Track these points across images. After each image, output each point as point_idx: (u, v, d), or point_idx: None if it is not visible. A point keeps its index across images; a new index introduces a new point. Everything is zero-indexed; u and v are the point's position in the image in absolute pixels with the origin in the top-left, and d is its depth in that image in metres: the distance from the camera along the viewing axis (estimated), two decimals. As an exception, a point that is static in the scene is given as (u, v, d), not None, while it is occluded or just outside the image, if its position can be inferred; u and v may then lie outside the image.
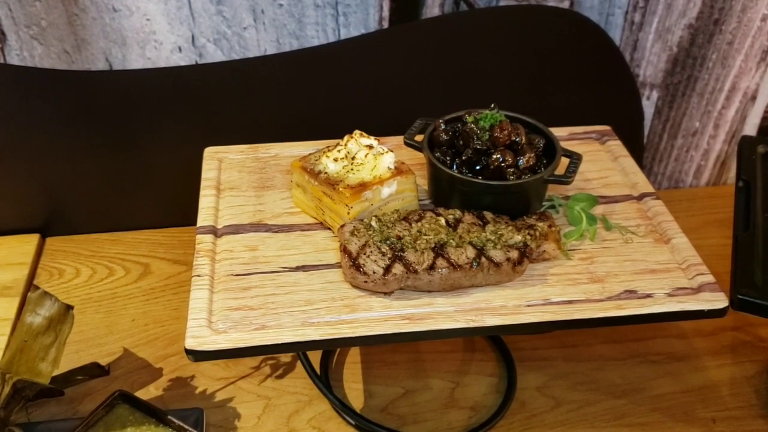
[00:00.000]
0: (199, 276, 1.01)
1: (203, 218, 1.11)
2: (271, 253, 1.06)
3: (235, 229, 1.10)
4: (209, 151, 1.24)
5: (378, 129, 1.20)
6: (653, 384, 1.27)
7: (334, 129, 1.22)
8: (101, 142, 1.49)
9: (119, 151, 1.51)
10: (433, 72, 1.49)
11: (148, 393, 1.25)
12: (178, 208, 1.57)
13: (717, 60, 1.59)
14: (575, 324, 0.96)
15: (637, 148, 1.68)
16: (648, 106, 1.64)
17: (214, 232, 1.09)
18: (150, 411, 1.11)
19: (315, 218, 1.12)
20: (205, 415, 1.16)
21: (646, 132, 1.68)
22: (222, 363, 1.30)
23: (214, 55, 1.42)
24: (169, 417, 1.10)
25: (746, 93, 1.65)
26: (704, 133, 1.71)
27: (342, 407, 1.19)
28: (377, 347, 1.32)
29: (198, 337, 0.92)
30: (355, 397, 1.25)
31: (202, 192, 1.16)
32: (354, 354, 1.33)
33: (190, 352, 0.91)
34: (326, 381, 1.27)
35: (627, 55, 1.56)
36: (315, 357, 1.28)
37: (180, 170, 1.50)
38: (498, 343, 1.33)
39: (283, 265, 1.04)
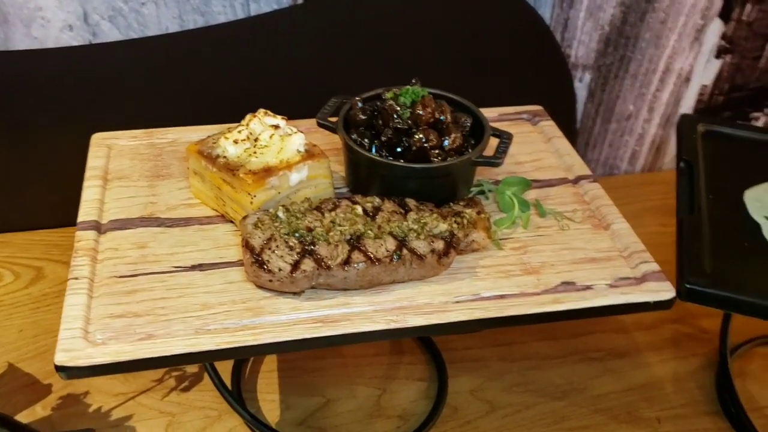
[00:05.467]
0: (76, 279, 0.87)
1: (85, 213, 0.97)
2: (163, 251, 0.93)
3: (122, 224, 0.96)
4: (97, 138, 1.11)
5: (294, 111, 1.08)
6: (594, 383, 1.20)
7: (245, 113, 1.08)
8: None
9: (5, 142, 1.35)
10: (352, 51, 1.39)
11: (34, 414, 1.11)
12: (75, 205, 1.41)
13: (650, 40, 1.53)
14: (509, 321, 0.87)
15: (570, 133, 1.61)
16: (580, 89, 1.58)
17: (98, 227, 0.96)
18: None
19: (216, 210, 0.99)
20: None
21: (578, 116, 1.62)
22: (120, 377, 1.17)
23: (110, 33, 1.29)
24: None
25: (680, 74, 1.60)
26: (638, 117, 1.65)
27: (254, 423, 1.07)
28: (296, 353, 1.20)
29: (70, 351, 0.79)
30: (271, 410, 1.14)
31: (86, 183, 1.02)
32: (270, 361, 1.22)
33: (60, 369, 0.78)
34: (238, 393, 1.15)
35: (557, 34, 1.49)
36: (226, 366, 1.16)
37: (76, 162, 1.34)
38: (428, 343, 1.23)
39: (176, 264, 0.91)
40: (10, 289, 1.33)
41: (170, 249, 0.93)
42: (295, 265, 0.84)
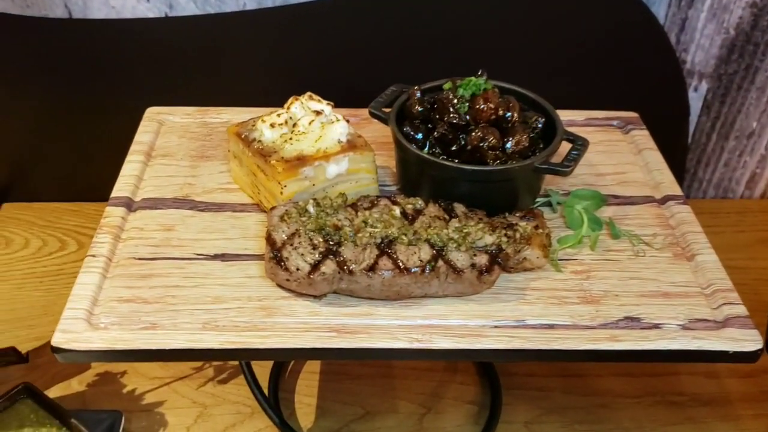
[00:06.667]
0: (93, 256, 0.83)
1: (119, 188, 0.94)
2: (189, 236, 0.87)
3: (154, 204, 0.92)
4: (151, 112, 1.07)
5: (365, 98, 1.00)
6: (669, 431, 1.07)
7: (325, 97, 1.01)
8: (63, 99, 1.34)
9: (83, 110, 1.36)
10: (437, 38, 1.30)
11: (69, 388, 1.11)
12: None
13: (784, 49, 1.35)
14: (553, 356, 0.76)
15: (680, 148, 1.47)
16: (695, 99, 1.42)
17: (129, 205, 0.92)
18: (55, 411, 0.96)
19: (251, 197, 0.92)
20: (124, 420, 1.02)
21: (691, 130, 1.45)
22: (159, 360, 1.13)
23: (186, 7, 1.25)
24: (73, 421, 0.95)
25: (818, 91, 1.40)
26: (762, 136, 1.47)
27: (284, 427, 1.00)
28: (341, 357, 1.12)
29: (69, 332, 0.75)
30: (306, 414, 1.08)
31: (128, 158, 0.99)
32: (313, 362, 1.14)
33: (56, 350, 0.74)
34: (274, 392, 1.10)
35: (672, 36, 1.34)
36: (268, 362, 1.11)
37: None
38: (485, 364, 1.13)
39: (199, 252, 0.85)
40: (73, 258, 1.34)
41: (196, 234, 0.88)
42: (316, 266, 0.76)
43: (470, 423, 1.07)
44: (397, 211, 0.82)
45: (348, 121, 0.90)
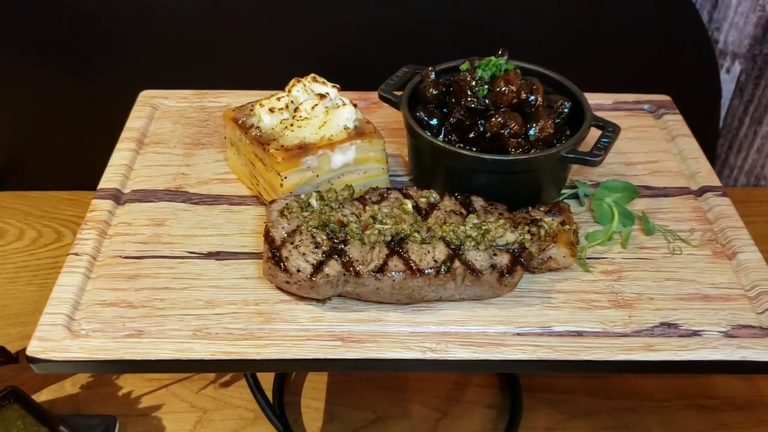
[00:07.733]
0: (76, 255, 0.78)
1: (107, 179, 0.88)
2: (180, 232, 0.82)
3: (144, 196, 0.86)
4: (144, 96, 1.02)
5: (374, 81, 0.94)
6: (701, 438, 1.03)
7: (331, 79, 0.95)
8: (58, 82, 1.30)
9: (80, 94, 1.31)
10: (453, 14, 1.25)
11: (61, 390, 1.07)
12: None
13: (823, 26, 1.28)
14: (581, 367, 0.70)
15: (710, 133, 1.43)
16: (727, 81, 1.37)
17: (117, 197, 0.86)
18: (43, 416, 0.93)
19: (250, 189, 0.85)
20: (118, 426, 0.99)
21: (722, 113, 1.41)
22: (159, 360, 1.08)
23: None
24: (61, 428, 0.93)
25: None
26: (798, 121, 1.40)
27: (287, 434, 0.94)
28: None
29: (46, 340, 0.69)
30: (312, 420, 1.05)
31: (118, 145, 0.93)
32: (320, 363, 1.09)
33: (32, 360, 0.67)
34: (279, 396, 1.07)
35: (704, 13, 1.30)
36: (271, 363, 1.06)
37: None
38: (504, 365, 1.06)
39: (191, 249, 0.79)
40: (68, 250, 1.28)
41: (189, 230, 0.82)
42: (318, 267, 0.69)
43: (488, 429, 1.03)
44: (409, 205, 0.76)
45: (355, 105, 0.84)
